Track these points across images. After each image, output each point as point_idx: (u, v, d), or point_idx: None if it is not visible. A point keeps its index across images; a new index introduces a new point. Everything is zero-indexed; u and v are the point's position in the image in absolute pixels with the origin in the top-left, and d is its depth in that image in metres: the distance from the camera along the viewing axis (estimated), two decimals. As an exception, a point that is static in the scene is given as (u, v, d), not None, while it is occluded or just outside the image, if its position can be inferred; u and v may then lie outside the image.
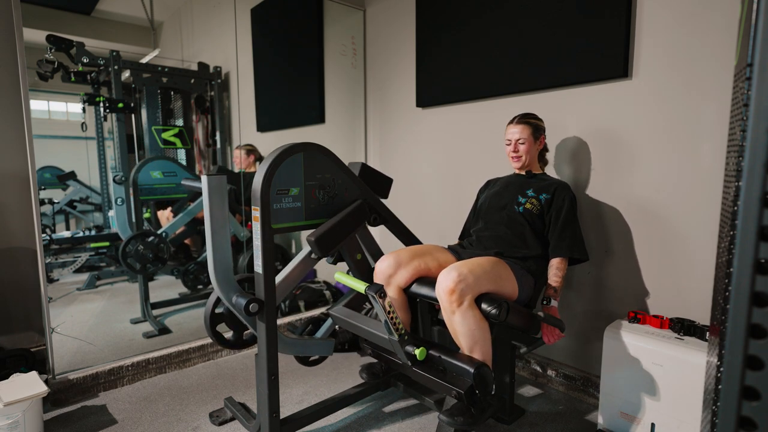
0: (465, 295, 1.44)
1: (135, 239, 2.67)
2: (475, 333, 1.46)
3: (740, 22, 0.58)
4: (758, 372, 0.48)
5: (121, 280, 3.48)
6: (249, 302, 1.46)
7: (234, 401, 1.90)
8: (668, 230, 1.76)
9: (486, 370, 1.41)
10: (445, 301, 1.46)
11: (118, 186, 2.81)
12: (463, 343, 1.49)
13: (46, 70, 2.73)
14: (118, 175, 2.81)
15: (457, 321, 1.46)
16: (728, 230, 0.51)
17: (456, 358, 1.45)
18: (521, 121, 1.85)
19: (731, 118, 0.63)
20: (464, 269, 1.47)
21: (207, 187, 1.51)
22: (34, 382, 1.72)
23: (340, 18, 3.07)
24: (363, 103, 3.13)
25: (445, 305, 1.47)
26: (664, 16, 1.70)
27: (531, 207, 1.79)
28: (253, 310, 1.48)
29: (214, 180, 1.53)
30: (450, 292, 1.44)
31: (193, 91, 3.45)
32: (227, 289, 1.56)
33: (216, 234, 1.54)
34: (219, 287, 1.56)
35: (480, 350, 1.48)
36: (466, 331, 1.46)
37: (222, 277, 1.56)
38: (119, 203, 2.81)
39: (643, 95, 1.78)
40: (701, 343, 1.54)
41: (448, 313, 1.48)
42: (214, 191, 1.53)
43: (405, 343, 1.46)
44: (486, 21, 2.25)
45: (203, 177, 1.52)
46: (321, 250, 1.56)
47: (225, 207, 1.56)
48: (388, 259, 1.68)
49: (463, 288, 1.43)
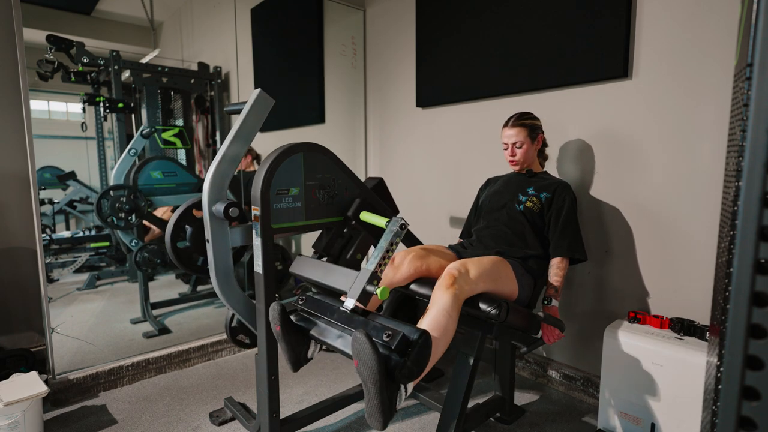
0: (461, 288, 1.42)
1: (122, 189, 2.65)
2: (443, 320, 1.34)
3: (740, 22, 0.58)
4: (758, 372, 0.48)
5: (121, 280, 3.48)
6: (228, 206, 1.47)
7: (234, 401, 1.90)
8: (668, 230, 1.76)
9: (429, 342, 1.19)
10: (442, 281, 1.42)
11: (141, 139, 2.80)
12: (427, 322, 1.35)
13: (46, 70, 2.73)
14: (147, 129, 2.81)
15: (439, 296, 1.39)
16: (728, 230, 0.51)
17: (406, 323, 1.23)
18: (516, 123, 1.83)
19: (731, 118, 0.63)
20: (468, 266, 1.49)
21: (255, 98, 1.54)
22: (34, 382, 1.72)
23: (340, 18, 3.07)
24: (363, 103, 3.13)
25: (441, 284, 1.42)
26: (664, 16, 1.70)
27: (531, 205, 1.79)
28: (233, 215, 1.48)
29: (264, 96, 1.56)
30: (451, 277, 1.42)
31: (193, 91, 3.45)
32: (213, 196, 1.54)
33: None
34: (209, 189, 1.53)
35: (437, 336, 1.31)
36: (438, 313, 1.35)
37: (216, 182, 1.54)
38: (131, 153, 2.79)
39: (643, 95, 1.78)
40: (701, 343, 1.54)
41: (437, 291, 1.42)
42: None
43: (372, 281, 1.29)
44: (486, 21, 2.25)
45: (255, 90, 1.55)
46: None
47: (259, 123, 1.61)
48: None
49: (462, 282, 1.43)
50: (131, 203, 2.64)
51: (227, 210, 1.48)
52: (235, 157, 1.57)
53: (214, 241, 1.54)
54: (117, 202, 2.60)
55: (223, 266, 1.57)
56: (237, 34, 3.22)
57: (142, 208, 2.68)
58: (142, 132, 2.81)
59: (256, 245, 1.50)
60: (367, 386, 1.11)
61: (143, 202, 2.68)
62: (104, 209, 2.59)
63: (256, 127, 1.60)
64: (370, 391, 1.11)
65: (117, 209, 2.61)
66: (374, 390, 1.09)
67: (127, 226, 2.68)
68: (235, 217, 1.49)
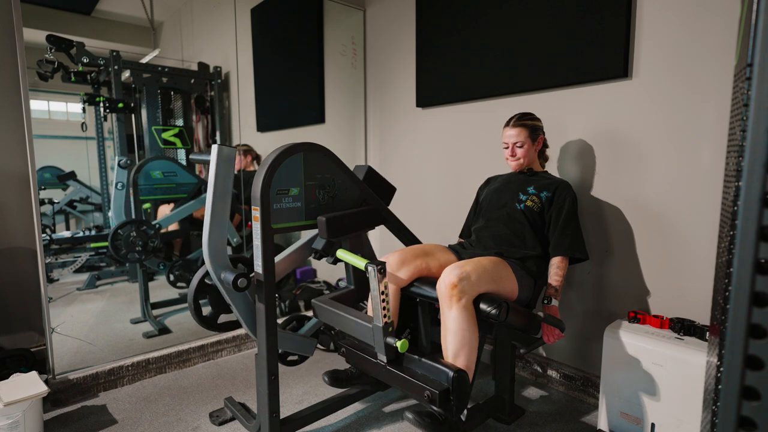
0: (465, 293, 1.43)
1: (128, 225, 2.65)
2: (465, 334, 1.43)
3: (740, 22, 0.58)
4: (758, 372, 0.48)
5: (121, 280, 3.48)
6: (237, 277, 1.47)
7: (234, 401, 1.90)
8: (668, 230, 1.76)
9: (465, 377, 1.33)
10: (445, 295, 1.45)
11: (121, 170, 2.77)
12: (450, 343, 1.44)
13: (46, 70, 2.73)
14: (122, 159, 2.78)
15: (451, 317, 1.44)
16: (728, 230, 0.51)
17: (436, 360, 1.39)
18: (517, 123, 1.83)
19: (731, 118, 0.63)
20: (468, 267, 1.48)
21: (216, 155, 1.52)
22: (34, 382, 1.72)
23: (340, 18, 3.07)
24: (363, 103, 3.13)
25: (445, 299, 1.46)
26: (664, 16, 1.70)
27: (532, 204, 1.79)
28: (241, 285, 1.48)
29: (224, 150, 1.54)
30: (452, 286, 1.43)
31: (193, 91, 3.44)
32: (216, 266, 1.56)
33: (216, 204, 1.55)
34: (210, 260, 1.55)
35: (465, 356, 1.43)
36: (457, 330, 1.43)
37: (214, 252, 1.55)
38: (119, 188, 2.77)
39: (644, 95, 1.78)
40: (701, 343, 1.54)
41: (445, 308, 1.47)
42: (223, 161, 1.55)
43: (388, 332, 1.40)
44: (486, 21, 2.25)
45: (214, 147, 1.53)
46: (329, 232, 1.55)
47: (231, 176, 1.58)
48: (389, 258, 1.68)
49: (465, 285, 1.43)
50: (142, 235, 2.65)
51: (236, 283, 1.48)
52: (223, 216, 1.56)
53: (236, 304, 1.59)
54: (129, 238, 2.62)
55: (251, 316, 1.62)
56: (237, 34, 3.22)
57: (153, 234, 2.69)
58: (119, 163, 2.77)
59: (256, 245, 1.49)
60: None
61: (152, 230, 2.69)
62: (121, 250, 2.61)
63: (229, 179, 1.57)
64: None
65: (132, 244, 2.63)
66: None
67: (148, 255, 2.70)
68: (244, 288, 1.50)
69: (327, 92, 3.17)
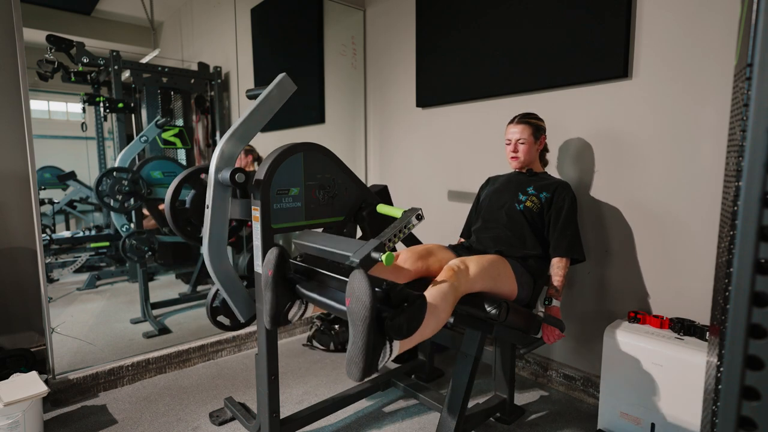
0: (459, 283, 1.41)
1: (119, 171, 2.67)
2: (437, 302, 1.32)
3: (740, 22, 0.58)
4: (758, 372, 0.48)
5: (121, 280, 3.48)
6: (234, 171, 1.43)
7: (234, 401, 1.90)
8: (668, 230, 1.76)
9: (425, 304, 1.17)
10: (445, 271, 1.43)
11: (154, 128, 2.84)
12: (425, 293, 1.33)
13: (46, 70, 2.73)
14: (161, 120, 2.87)
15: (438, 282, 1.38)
16: (728, 230, 0.51)
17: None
18: (521, 121, 1.84)
19: (731, 118, 0.63)
20: (468, 263, 1.49)
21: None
22: (34, 382, 1.72)
23: (340, 18, 3.07)
24: (363, 103, 3.13)
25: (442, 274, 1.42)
26: (664, 16, 1.70)
27: (531, 205, 1.79)
28: (239, 180, 1.44)
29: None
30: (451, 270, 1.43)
31: (193, 91, 3.44)
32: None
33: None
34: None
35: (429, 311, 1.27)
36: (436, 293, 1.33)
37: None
38: (142, 141, 2.81)
39: (644, 95, 1.78)
40: (701, 343, 1.54)
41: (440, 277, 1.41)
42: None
43: (381, 248, 1.27)
44: (486, 21, 2.25)
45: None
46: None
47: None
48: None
49: (462, 279, 1.43)
50: (132, 186, 2.65)
51: (233, 175, 1.42)
52: (246, 135, 1.55)
53: (213, 207, 1.51)
54: (118, 184, 2.61)
55: (217, 235, 1.53)
56: (237, 34, 3.22)
57: (141, 194, 2.69)
58: (156, 122, 2.83)
59: (256, 245, 1.49)
60: (356, 324, 1.06)
61: (144, 189, 2.69)
62: (104, 188, 2.59)
63: (275, 107, 1.60)
64: (358, 331, 1.06)
65: (116, 190, 2.61)
66: (362, 328, 1.05)
67: (122, 209, 2.69)
68: (241, 183, 1.45)
69: (327, 92, 3.17)
